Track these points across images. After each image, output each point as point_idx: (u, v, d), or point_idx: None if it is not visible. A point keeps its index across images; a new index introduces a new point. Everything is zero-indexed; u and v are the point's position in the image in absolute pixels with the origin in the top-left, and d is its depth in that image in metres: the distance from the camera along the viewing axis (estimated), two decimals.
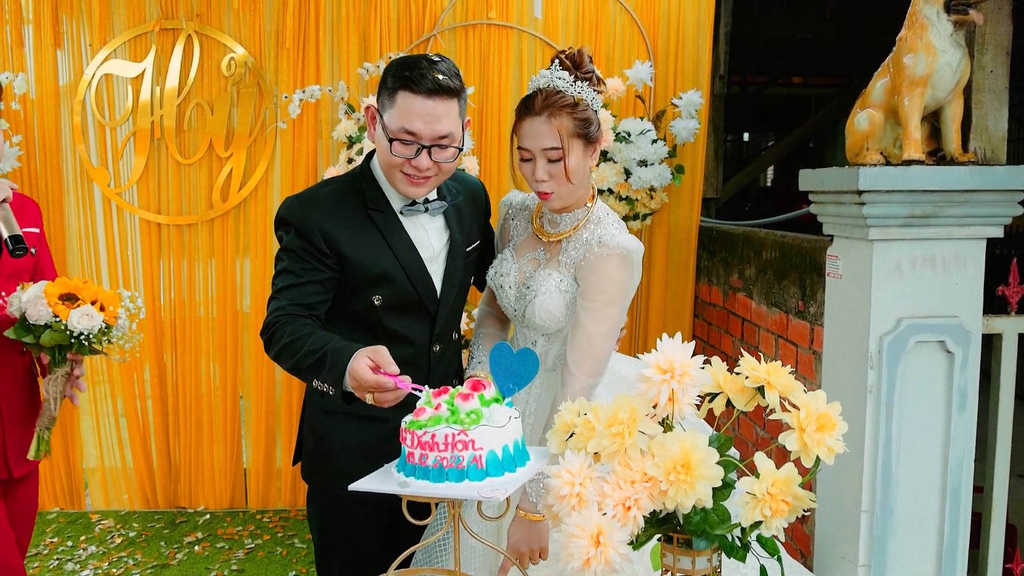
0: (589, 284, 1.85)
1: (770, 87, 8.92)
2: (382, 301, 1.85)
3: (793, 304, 2.67)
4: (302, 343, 1.71)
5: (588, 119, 1.82)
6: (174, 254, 3.89)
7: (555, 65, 1.84)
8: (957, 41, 1.98)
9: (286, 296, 1.80)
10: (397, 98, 1.74)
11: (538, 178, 1.83)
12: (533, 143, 1.81)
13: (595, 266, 1.84)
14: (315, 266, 1.80)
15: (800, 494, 1.19)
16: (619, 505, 1.24)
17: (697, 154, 3.75)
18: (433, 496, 1.33)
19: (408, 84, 1.72)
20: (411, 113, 1.73)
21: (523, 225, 2.04)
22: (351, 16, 3.70)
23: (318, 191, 1.89)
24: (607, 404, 1.34)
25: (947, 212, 2.04)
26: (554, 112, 1.79)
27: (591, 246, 1.86)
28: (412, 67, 1.74)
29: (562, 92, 1.80)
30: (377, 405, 1.62)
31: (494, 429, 1.34)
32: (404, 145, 1.75)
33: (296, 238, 1.81)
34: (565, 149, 1.79)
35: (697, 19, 3.73)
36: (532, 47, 3.71)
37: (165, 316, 3.94)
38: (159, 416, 3.98)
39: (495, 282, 2.00)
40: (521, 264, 1.98)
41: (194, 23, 3.73)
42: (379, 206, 1.86)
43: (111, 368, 3.95)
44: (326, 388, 1.67)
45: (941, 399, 2.14)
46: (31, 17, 3.73)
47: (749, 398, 1.36)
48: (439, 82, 1.72)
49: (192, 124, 3.80)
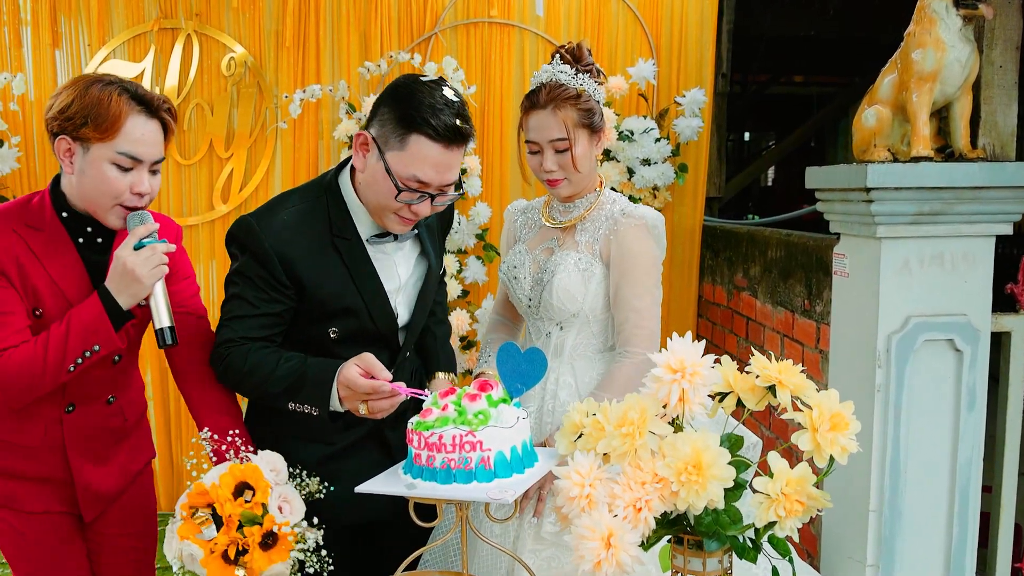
0: (622, 258, 1.87)
1: (771, 86, 8.89)
2: (338, 334, 1.71)
3: (799, 303, 2.65)
4: (266, 369, 1.61)
5: (591, 109, 1.88)
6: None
7: (556, 59, 1.89)
8: (966, 36, 1.96)
9: (238, 327, 1.65)
10: (409, 142, 1.57)
11: (547, 168, 1.88)
12: (540, 135, 1.87)
13: (623, 237, 1.88)
14: (272, 296, 1.64)
15: (815, 494, 1.17)
16: (630, 506, 1.23)
17: (700, 153, 3.73)
18: (441, 498, 1.31)
19: (425, 129, 1.56)
20: (425, 162, 1.58)
21: (532, 221, 2.08)
22: (351, 15, 3.67)
23: (278, 212, 1.68)
24: (614, 404, 1.33)
25: (956, 209, 2.02)
26: (559, 104, 1.84)
27: (615, 219, 1.90)
28: (430, 108, 1.56)
29: (565, 85, 1.85)
30: (371, 416, 1.56)
31: (502, 430, 1.33)
32: (410, 192, 1.60)
33: (252, 263, 1.64)
34: (571, 139, 1.85)
35: (700, 16, 3.71)
36: (534, 45, 3.69)
37: None
38: (161, 419, 3.96)
39: (509, 275, 1.99)
40: (535, 255, 1.99)
41: (193, 22, 3.71)
42: (345, 234, 1.69)
43: None
44: (307, 409, 1.59)
45: (950, 398, 2.12)
46: (29, 19, 3.70)
47: (760, 397, 1.34)
48: (460, 130, 1.59)
49: (192, 124, 3.78)
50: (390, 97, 1.62)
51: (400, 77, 1.68)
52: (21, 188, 3.73)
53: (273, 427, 1.76)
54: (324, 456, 1.75)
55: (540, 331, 1.98)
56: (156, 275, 1.56)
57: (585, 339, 1.95)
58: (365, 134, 1.63)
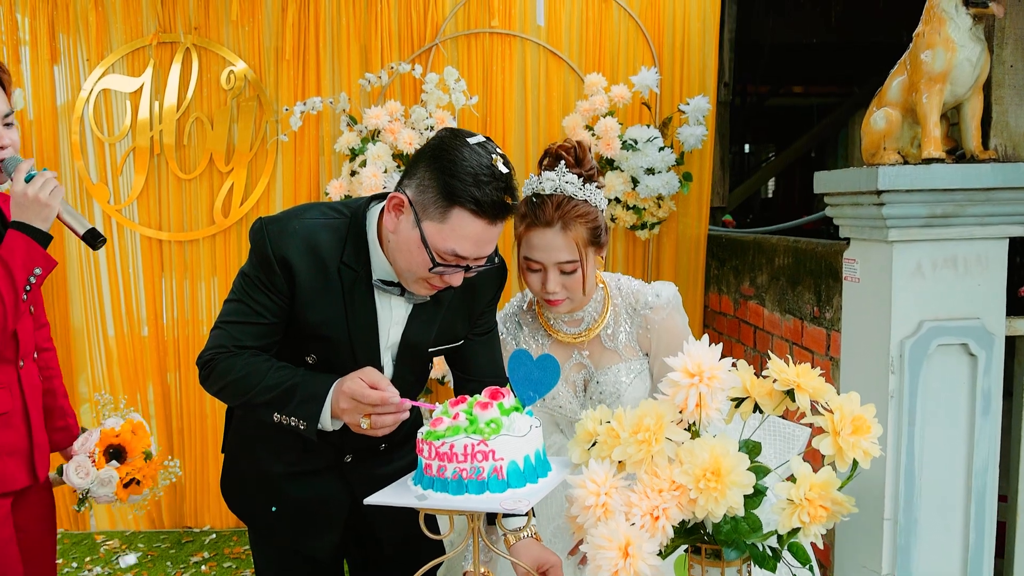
0: (667, 346, 1.83)
1: (771, 97, 8.90)
2: (315, 362, 1.62)
3: (808, 310, 2.62)
4: (257, 378, 1.53)
5: (599, 226, 1.73)
6: (176, 271, 3.84)
7: (561, 167, 1.71)
8: (976, 35, 1.94)
9: (231, 332, 1.58)
10: (451, 216, 1.44)
11: (550, 291, 1.72)
12: (546, 256, 1.69)
13: (661, 330, 1.85)
14: (267, 302, 1.57)
15: (839, 498, 1.14)
16: (647, 515, 1.19)
17: (704, 161, 3.71)
18: (453, 509, 1.28)
19: (469, 205, 1.43)
20: (467, 238, 1.45)
21: (535, 340, 1.91)
22: (351, 26, 3.66)
23: (293, 220, 1.60)
24: (630, 412, 1.29)
25: (969, 211, 2.00)
26: (568, 222, 1.67)
27: (643, 316, 1.85)
28: (475, 180, 1.42)
29: (573, 199, 1.68)
30: (372, 432, 1.47)
31: (515, 439, 1.29)
32: (447, 266, 1.49)
33: (256, 265, 1.58)
34: (582, 259, 1.70)
35: (702, 24, 3.70)
36: (536, 55, 3.68)
37: (168, 335, 3.89)
38: (163, 435, 3.92)
39: (548, 406, 1.88)
40: (566, 375, 1.86)
41: (192, 36, 3.70)
42: (355, 265, 1.58)
43: (115, 389, 3.89)
44: (294, 423, 1.50)
45: (964, 403, 2.09)
46: (27, 38, 3.69)
47: (778, 402, 1.31)
48: (505, 204, 1.45)
49: (192, 139, 3.76)
50: (432, 159, 1.47)
51: (444, 133, 1.51)
52: None
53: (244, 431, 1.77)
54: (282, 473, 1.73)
55: None
56: (57, 195, 1.74)
57: None
58: (400, 196, 1.49)
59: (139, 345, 3.88)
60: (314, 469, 1.72)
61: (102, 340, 3.90)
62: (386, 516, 1.55)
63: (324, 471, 1.73)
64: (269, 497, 1.73)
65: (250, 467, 1.77)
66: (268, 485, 1.73)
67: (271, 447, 1.72)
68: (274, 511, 1.73)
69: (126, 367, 3.89)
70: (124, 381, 3.89)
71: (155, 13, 3.68)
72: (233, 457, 1.84)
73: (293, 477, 1.72)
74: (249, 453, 1.77)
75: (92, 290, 3.84)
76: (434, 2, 3.64)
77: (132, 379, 3.90)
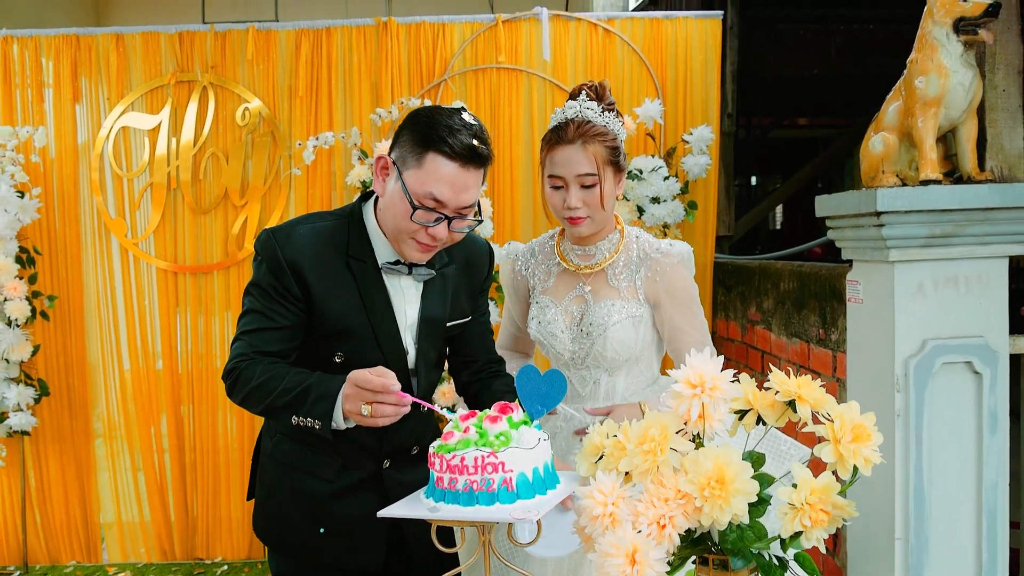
0: (672, 297, 1.89)
1: (776, 129, 9.00)
2: (344, 359, 1.68)
3: (814, 333, 2.65)
4: (275, 383, 1.59)
5: (618, 148, 1.86)
6: (191, 304, 3.91)
7: (582, 96, 1.85)
8: (968, 61, 1.99)
9: (251, 341, 1.66)
10: (426, 160, 1.58)
11: (571, 205, 1.83)
12: (567, 170, 1.82)
13: (667, 277, 1.89)
14: (284, 308, 1.65)
15: (840, 503, 1.16)
16: (653, 523, 1.22)
17: (709, 190, 3.77)
18: (464, 520, 1.31)
19: (442, 147, 1.57)
20: (441, 180, 1.58)
21: (545, 267, 2.01)
22: (363, 64, 3.77)
23: (297, 227, 1.71)
24: (635, 423, 1.33)
25: (967, 231, 2.03)
26: (588, 139, 1.81)
27: (653, 259, 1.90)
28: (447, 128, 1.58)
29: (592, 121, 1.82)
30: (372, 421, 1.49)
31: (524, 451, 1.33)
32: (426, 212, 1.60)
33: (266, 273, 1.66)
34: (600, 175, 1.81)
35: (704, 57, 3.78)
36: (542, 89, 3.77)
37: (182, 368, 3.94)
38: (176, 468, 3.96)
39: (543, 331, 1.94)
40: (565, 306, 1.94)
41: (209, 75, 3.81)
42: (361, 256, 1.70)
43: (128, 422, 3.94)
44: (310, 423, 1.55)
45: (971, 421, 2.10)
46: (51, 80, 3.81)
47: (780, 413, 1.34)
48: (475, 150, 1.59)
49: (208, 174, 3.85)
50: (410, 122, 1.65)
51: (420, 107, 1.69)
52: (41, 239, 3.80)
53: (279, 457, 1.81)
54: (326, 493, 1.76)
55: (586, 380, 1.96)
56: None
57: (634, 379, 1.96)
58: (385, 157, 1.66)
59: (154, 379, 3.94)
60: (356, 482, 1.76)
61: (117, 374, 3.95)
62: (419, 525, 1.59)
63: (365, 484, 1.77)
64: (315, 520, 1.75)
65: (291, 495, 1.78)
66: (313, 508, 1.76)
67: (308, 466, 1.76)
68: (322, 532, 1.75)
69: (140, 400, 3.94)
70: (138, 414, 3.94)
71: (174, 53, 3.80)
72: (270, 489, 1.84)
73: (337, 496, 1.76)
74: (288, 480, 1.79)
75: (109, 324, 3.91)
76: (443, 39, 3.74)
77: (146, 412, 3.95)
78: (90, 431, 3.96)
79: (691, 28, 3.77)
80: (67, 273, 3.88)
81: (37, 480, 3.92)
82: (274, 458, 1.82)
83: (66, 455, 3.92)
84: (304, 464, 1.76)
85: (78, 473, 3.94)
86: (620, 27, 3.77)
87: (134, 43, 3.80)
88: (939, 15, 2.00)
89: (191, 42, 3.80)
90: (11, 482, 3.90)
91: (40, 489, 3.92)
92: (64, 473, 3.93)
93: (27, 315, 3.67)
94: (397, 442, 1.76)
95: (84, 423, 3.94)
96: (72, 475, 3.93)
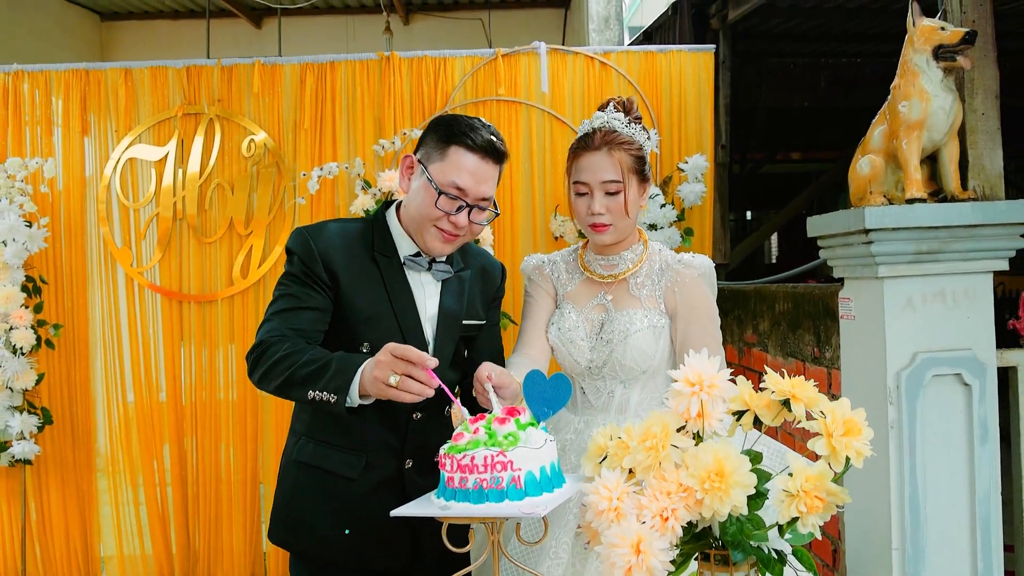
0: (689, 309, 1.90)
1: (769, 163, 9.15)
2: (370, 349, 1.74)
3: (809, 351, 2.71)
4: (299, 356, 1.65)
5: (643, 157, 1.92)
6: (195, 333, 3.95)
7: (610, 108, 1.92)
8: (948, 86, 2.09)
9: (280, 320, 1.75)
10: (449, 152, 1.76)
11: (595, 211, 1.87)
12: (592, 176, 1.87)
13: (689, 289, 1.91)
14: (313, 292, 1.77)
15: (834, 489, 1.22)
16: (656, 516, 1.27)
17: (705, 218, 3.86)
18: (475, 516, 1.36)
19: (464, 140, 1.75)
20: (463, 170, 1.75)
21: (567, 276, 2.04)
22: (366, 96, 3.87)
23: (327, 224, 1.88)
24: (637, 424, 1.39)
25: (952, 247, 2.11)
26: (613, 147, 1.86)
27: (674, 270, 1.93)
28: (468, 126, 1.77)
29: (618, 131, 1.88)
30: (396, 394, 1.53)
31: (531, 450, 1.38)
32: (450, 200, 1.75)
33: (297, 263, 1.79)
34: (624, 182, 1.86)
35: (698, 90, 3.90)
36: (540, 120, 3.87)
37: (186, 399, 3.97)
38: (179, 500, 3.96)
39: (562, 338, 1.95)
40: (586, 314, 1.96)
41: (215, 108, 3.90)
42: (386, 251, 1.85)
43: (131, 455, 3.95)
44: (325, 397, 1.59)
45: (963, 431, 2.16)
46: (60, 120, 3.89)
47: (776, 413, 1.40)
48: (493, 144, 1.77)
49: (213, 204, 3.93)
50: (433, 124, 1.83)
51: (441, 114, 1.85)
52: (47, 268, 3.87)
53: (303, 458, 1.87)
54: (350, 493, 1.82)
55: (600, 391, 1.95)
56: None
57: (649, 393, 1.94)
58: (411, 156, 1.83)
59: (157, 410, 3.96)
60: (378, 482, 1.82)
61: (121, 407, 3.97)
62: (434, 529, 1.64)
63: (387, 484, 1.83)
64: (339, 520, 1.81)
65: (314, 495, 1.84)
66: (337, 507, 1.82)
67: (332, 465, 1.82)
68: (347, 534, 1.81)
69: (144, 432, 3.95)
70: (141, 445, 3.95)
71: (181, 87, 3.90)
72: (291, 492, 1.89)
73: (361, 496, 1.81)
74: (311, 481, 1.85)
75: (113, 353, 3.95)
76: (444, 73, 3.86)
77: (149, 445, 3.96)
78: (92, 461, 3.98)
79: (684, 61, 3.89)
80: (72, 302, 3.93)
81: (38, 510, 3.93)
82: (298, 459, 1.88)
83: (68, 485, 3.93)
84: (327, 463, 1.83)
85: (79, 503, 3.95)
86: (616, 60, 3.89)
87: (142, 77, 3.91)
88: (919, 43, 2.10)
89: (198, 76, 3.90)
90: (12, 511, 3.91)
91: (40, 519, 3.93)
92: (65, 503, 3.93)
93: (32, 343, 3.71)
94: (418, 443, 1.84)
95: (86, 453, 3.96)
96: (73, 505, 3.94)
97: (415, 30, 7.69)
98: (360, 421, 1.74)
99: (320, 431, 1.86)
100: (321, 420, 1.86)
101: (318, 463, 1.85)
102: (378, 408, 1.68)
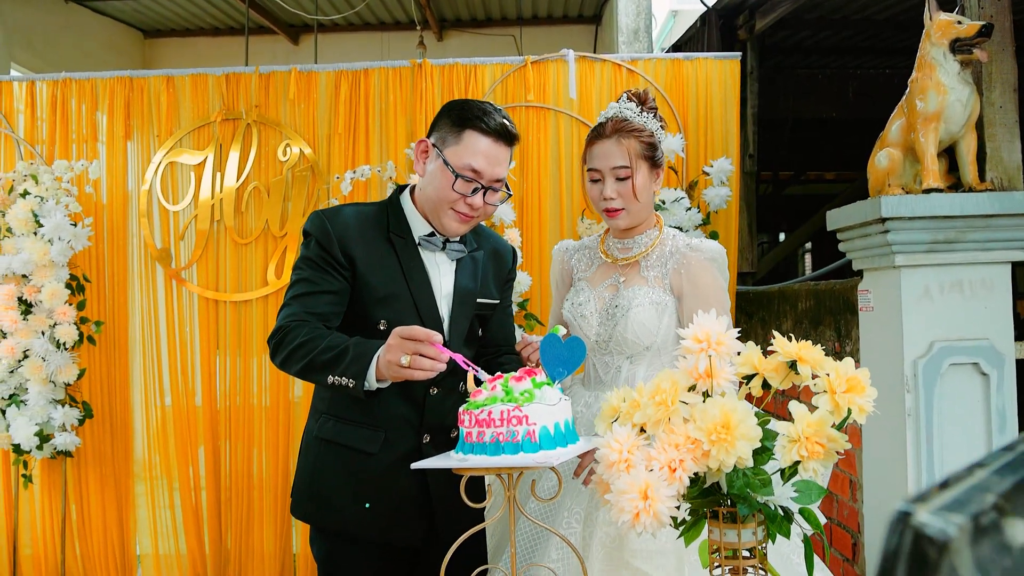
0: (693, 290, 1.96)
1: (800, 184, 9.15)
2: (387, 327, 1.80)
3: (830, 346, 2.74)
4: (318, 342, 1.71)
5: (654, 144, 1.99)
6: (230, 336, 4.05)
7: (623, 99, 2.02)
8: (965, 79, 2.13)
9: (299, 304, 1.81)
10: (464, 136, 1.82)
11: (606, 196, 1.97)
12: (602, 163, 1.97)
13: (692, 271, 1.97)
14: (330, 275, 1.82)
15: (834, 435, 1.26)
16: (664, 467, 1.33)
17: (730, 222, 3.90)
18: (491, 468, 1.42)
19: (479, 124, 1.81)
20: (478, 152, 1.81)
21: (588, 259, 2.14)
22: (398, 103, 3.98)
23: (343, 207, 1.93)
24: (648, 383, 1.44)
25: (969, 237, 2.14)
26: (623, 135, 1.96)
27: (682, 253, 1.99)
28: (481, 110, 1.84)
29: (629, 120, 1.97)
30: (409, 374, 1.59)
31: (546, 407, 1.44)
32: (465, 182, 1.81)
33: (314, 247, 1.84)
34: (633, 168, 1.94)
35: (723, 98, 3.95)
36: (568, 126, 3.95)
37: (220, 404, 4.07)
38: (212, 502, 4.05)
39: (574, 312, 2.05)
40: (599, 292, 2.05)
41: (253, 114, 4.03)
42: (401, 232, 1.90)
43: (167, 457, 4.05)
44: (344, 382, 1.66)
45: (980, 420, 2.18)
46: (104, 126, 4.05)
47: (783, 376, 1.45)
48: (506, 127, 1.85)
49: (250, 207, 4.05)
50: (446, 109, 1.90)
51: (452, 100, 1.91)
52: (90, 266, 4.01)
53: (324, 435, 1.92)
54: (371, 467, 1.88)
55: (608, 366, 2.03)
56: None
57: (655, 370, 1.99)
58: (425, 141, 1.89)
59: (193, 413, 4.07)
60: (398, 457, 1.86)
61: (159, 409, 4.07)
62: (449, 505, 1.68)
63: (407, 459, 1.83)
64: (360, 495, 1.87)
65: (336, 471, 1.90)
66: (358, 482, 1.87)
67: (353, 441, 1.88)
68: (367, 508, 1.87)
69: (180, 434, 4.05)
70: (177, 448, 4.05)
71: (220, 94, 4.04)
72: (313, 468, 1.95)
73: (381, 471, 1.87)
74: (333, 456, 1.90)
75: (152, 352, 4.06)
76: (474, 79, 3.95)
77: (184, 447, 4.06)
78: (130, 458, 4.09)
79: (711, 69, 3.95)
80: (114, 300, 4.06)
81: (78, 506, 4.04)
82: (320, 436, 1.94)
83: (106, 480, 4.04)
84: (348, 439, 1.89)
85: (117, 501, 4.05)
86: (643, 67, 3.96)
87: (183, 84, 4.06)
88: (936, 36, 2.15)
89: (237, 83, 4.04)
90: (53, 505, 4.03)
91: (80, 516, 4.04)
92: (104, 500, 4.04)
93: (75, 339, 3.85)
94: (436, 419, 1.89)
95: (124, 447, 4.08)
96: (112, 502, 4.04)
97: (449, 46, 7.84)
98: (379, 398, 1.79)
99: (341, 409, 1.92)
100: (341, 398, 1.91)
101: (339, 439, 1.91)
102: (396, 385, 1.74)
